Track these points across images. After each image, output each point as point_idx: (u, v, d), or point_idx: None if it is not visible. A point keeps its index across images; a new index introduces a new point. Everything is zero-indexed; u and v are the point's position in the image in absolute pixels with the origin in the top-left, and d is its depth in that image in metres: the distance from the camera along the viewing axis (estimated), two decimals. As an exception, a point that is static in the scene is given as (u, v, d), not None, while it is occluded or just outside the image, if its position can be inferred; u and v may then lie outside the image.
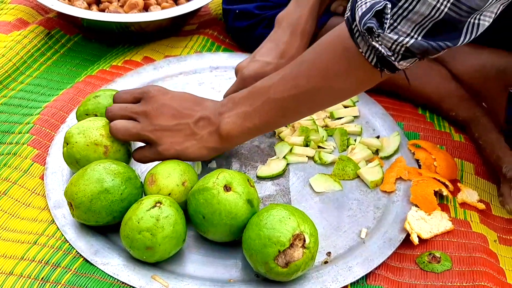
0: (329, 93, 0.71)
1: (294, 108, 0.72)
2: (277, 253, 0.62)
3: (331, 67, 0.67)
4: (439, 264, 0.72)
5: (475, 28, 0.59)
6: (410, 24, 0.59)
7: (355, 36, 0.63)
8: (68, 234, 0.71)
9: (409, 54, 0.61)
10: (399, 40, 0.60)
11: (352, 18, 0.63)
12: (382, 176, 0.84)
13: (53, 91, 0.97)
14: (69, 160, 0.75)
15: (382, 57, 0.62)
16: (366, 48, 0.63)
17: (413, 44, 0.59)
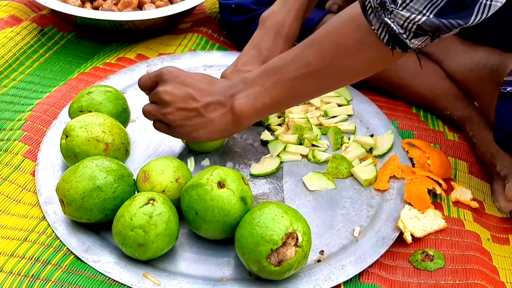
0: (340, 72, 0.70)
1: (305, 87, 0.72)
2: (269, 251, 0.62)
3: (342, 45, 0.67)
4: (432, 262, 0.72)
5: (487, 8, 0.59)
6: (422, 2, 0.59)
7: (367, 13, 0.63)
8: (59, 230, 0.70)
9: (421, 32, 0.61)
10: (411, 18, 0.60)
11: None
12: (375, 174, 0.84)
13: (46, 88, 0.97)
14: (67, 153, 0.74)
15: (394, 34, 0.62)
16: (378, 25, 0.63)
17: (425, 21, 0.60)
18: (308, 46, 0.70)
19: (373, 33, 0.64)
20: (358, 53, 0.67)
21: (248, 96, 0.73)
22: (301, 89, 0.72)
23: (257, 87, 0.72)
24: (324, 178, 0.83)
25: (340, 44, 0.67)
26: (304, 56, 0.70)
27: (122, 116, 0.83)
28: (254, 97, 0.72)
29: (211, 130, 0.75)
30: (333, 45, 0.68)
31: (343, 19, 0.68)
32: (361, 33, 0.65)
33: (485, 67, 0.91)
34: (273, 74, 0.72)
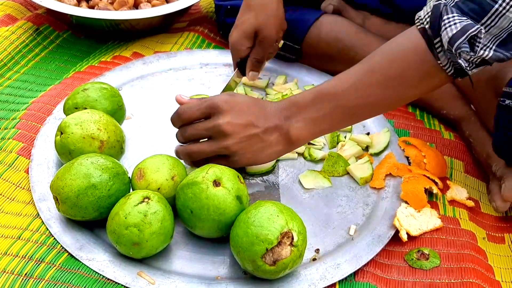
0: (400, 100, 0.74)
1: (364, 113, 0.75)
2: (264, 251, 0.62)
3: (407, 77, 0.69)
4: (428, 261, 0.72)
5: None
6: (489, 37, 0.63)
7: (436, 50, 0.66)
8: (53, 228, 0.70)
9: (483, 63, 0.65)
10: (479, 54, 0.63)
11: (434, 33, 0.65)
12: (371, 172, 0.84)
13: (41, 87, 0.96)
14: (61, 150, 0.74)
15: (460, 67, 0.66)
16: (446, 61, 0.66)
17: (492, 56, 0.63)
18: (368, 74, 0.71)
19: (439, 66, 0.67)
20: (422, 84, 0.69)
21: (304, 121, 0.73)
22: (359, 115, 0.75)
23: (312, 112, 0.73)
24: (320, 176, 0.83)
25: (405, 77, 0.69)
26: (365, 86, 0.71)
27: (118, 113, 0.83)
28: (312, 122, 0.73)
29: (269, 153, 0.74)
30: (397, 78, 0.69)
31: (405, 51, 0.69)
32: (428, 67, 0.67)
33: (484, 72, 0.91)
34: (330, 100, 0.72)
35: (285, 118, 0.74)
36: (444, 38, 0.64)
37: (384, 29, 1.06)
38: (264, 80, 1.01)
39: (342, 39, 1.01)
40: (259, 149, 0.74)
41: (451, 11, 0.64)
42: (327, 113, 0.72)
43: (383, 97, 0.71)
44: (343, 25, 1.03)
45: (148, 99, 0.94)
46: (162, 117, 0.90)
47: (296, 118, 0.73)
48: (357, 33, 1.01)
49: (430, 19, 0.66)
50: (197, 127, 0.74)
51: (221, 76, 1.01)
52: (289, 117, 0.74)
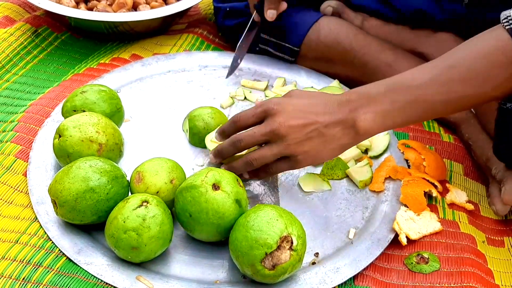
0: (479, 100, 0.70)
1: (441, 110, 0.71)
2: (264, 255, 0.61)
3: (491, 76, 0.66)
4: (427, 264, 0.72)
5: None
6: None
7: None
8: (51, 231, 0.69)
9: None
10: None
11: None
12: (371, 175, 0.83)
13: (39, 89, 0.96)
14: (59, 153, 0.74)
15: None
16: None
17: None
18: (449, 69, 0.68)
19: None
20: (503, 85, 0.67)
21: (375, 113, 0.69)
22: (436, 111, 0.71)
23: (385, 105, 0.69)
24: (319, 179, 0.82)
25: (488, 75, 0.66)
26: (445, 81, 0.68)
27: (116, 115, 0.82)
28: (383, 115, 0.69)
29: (334, 147, 0.71)
30: (480, 75, 0.67)
31: (491, 50, 0.66)
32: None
33: None
34: (405, 93, 0.69)
35: (350, 110, 0.70)
36: None
37: (383, 30, 1.06)
38: (263, 82, 1.01)
39: (341, 41, 1.01)
40: (321, 144, 0.70)
41: None
42: (401, 106, 0.69)
43: (463, 95, 0.68)
44: (342, 27, 1.03)
45: (147, 101, 0.94)
46: (161, 119, 0.90)
47: (364, 110, 0.69)
48: (356, 35, 1.01)
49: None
50: (253, 134, 0.71)
51: (220, 78, 1.01)
52: (356, 108, 0.69)
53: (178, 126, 0.89)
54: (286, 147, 0.70)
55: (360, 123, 0.69)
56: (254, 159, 0.72)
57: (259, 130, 0.71)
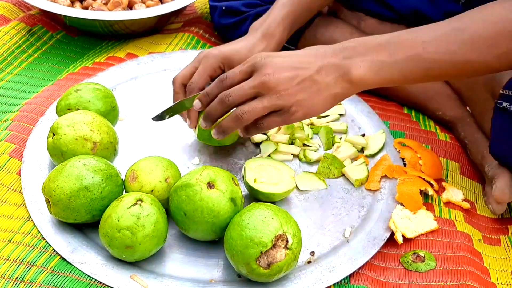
0: (481, 68, 0.67)
1: (440, 72, 0.68)
2: (259, 254, 0.61)
3: (497, 44, 0.64)
4: (423, 263, 0.72)
5: None
6: None
7: None
8: (45, 230, 0.69)
9: None
10: None
11: None
12: (367, 174, 0.83)
13: (34, 88, 0.96)
14: (53, 151, 0.73)
15: None
16: None
17: None
18: (455, 32, 0.65)
19: None
20: (507, 56, 0.65)
21: (371, 62, 0.66)
22: (434, 72, 0.67)
23: (383, 56, 0.66)
24: (315, 178, 0.82)
25: (495, 43, 0.64)
26: (450, 42, 0.65)
27: (111, 114, 0.82)
28: (380, 66, 0.66)
29: (326, 95, 0.67)
30: (487, 41, 0.64)
31: (502, 19, 0.64)
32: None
33: None
34: (406, 48, 0.66)
35: (345, 57, 0.67)
36: None
37: (380, 30, 1.06)
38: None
39: (336, 40, 0.99)
40: (314, 93, 0.67)
41: None
42: (399, 59, 0.66)
43: (465, 59, 0.65)
44: (338, 26, 1.02)
45: (142, 100, 0.93)
46: (156, 118, 0.90)
47: (361, 58, 0.66)
48: (352, 34, 1.01)
49: None
50: (241, 87, 0.67)
51: (215, 77, 1.01)
52: (351, 56, 0.67)
53: (173, 125, 0.89)
54: (277, 98, 0.67)
55: (354, 71, 0.66)
56: (244, 112, 0.68)
57: (247, 83, 0.68)
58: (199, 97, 0.73)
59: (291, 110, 0.68)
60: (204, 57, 0.81)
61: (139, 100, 0.93)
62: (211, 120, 0.71)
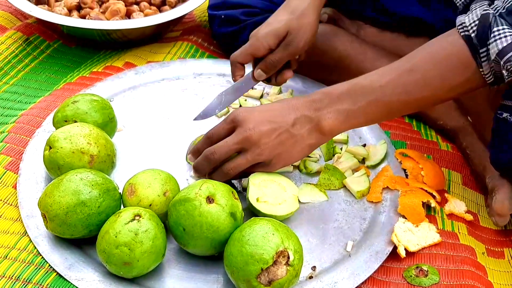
0: (436, 101, 0.74)
1: (399, 110, 0.74)
2: (259, 271, 0.60)
3: (447, 80, 0.69)
4: (427, 277, 0.70)
5: None
6: None
7: (480, 59, 0.67)
8: (41, 246, 0.68)
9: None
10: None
11: (481, 43, 0.66)
12: (368, 185, 0.82)
13: (31, 99, 0.94)
14: (50, 165, 0.72)
15: (500, 76, 0.66)
16: (488, 70, 0.67)
17: None
18: (408, 73, 0.71)
19: (480, 74, 0.68)
20: (459, 88, 0.70)
21: (338, 112, 0.72)
22: (396, 111, 0.74)
23: (347, 104, 0.72)
24: (316, 189, 0.81)
25: (445, 80, 0.69)
26: (404, 84, 0.71)
27: (109, 125, 0.81)
28: (346, 114, 0.72)
29: (303, 146, 0.74)
30: (437, 80, 0.69)
31: (448, 56, 0.69)
32: (469, 73, 0.68)
33: None
34: (366, 94, 0.71)
35: (315, 109, 0.73)
36: (493, 50, 0.64)
37: (379, 38, 1.05)
38: (258, 90, 0.99)
39: (336, 48, 1.00)
40: (291, 145, 0.73)
41: (501, 23, 0.64)
42: (362, 106, 0.72)
43: (421, 97, 0.71)
44: (337, 34, 1.01)
45: (140, 110, 0.92)
46: (155, 129, 0.89)
47: (328, 109, 0.72)
48: (351, 42, 1.00)
49: (477, 28, 0.66)
50: (226, 145, 0.72)
51: (214, 86, 1.00)
52: (320, 108, 0.72)
53: (172, 136, 0.88)
54: (259, 154, 0.72)
55: (323, 122, 0.72)
56: (230, 169, 0.73)
57: (231, 139, 0.72)
58: (191, 152, 0.78)
59: (272, 163, 0.74)
60: (251, 36, 0.85)
61: (138, 111, 0.92)
62: (200, 173, 0.76)
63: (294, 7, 0.85)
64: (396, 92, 0.71)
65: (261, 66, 0.86)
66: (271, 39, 0.84)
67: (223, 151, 0.72)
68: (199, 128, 0.87)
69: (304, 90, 1.01)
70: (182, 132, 0.88)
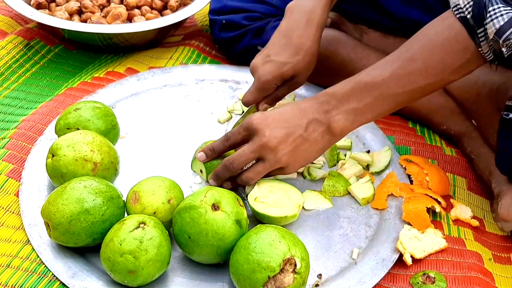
0: (440, 85, 0.74)
1: (405, 100, 0.74)
2: (266, 279, 0.59)
3: (448, 64, 0.70)
4: (434, 284, 0.70)
5: None
6: None
7: (478, 39, 0.67)
8: (44, 255, 0.67)
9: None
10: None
11: (477, 23, 0.66)
12: (373, 192, 0.81)
13: (32, 104, 0.94)
14: (53, 173, 0.71)
15: (500, 52, 0.66)
16: (487, 49, 0.67)
17: None
18: (409, 62, 0.71)
19: (480, 53, 0.68)
20: (461, 70, 0.71)
21: (346, 113, 0.73)
22: (403, 102, 0.74)
23: (354, 103, 0.73)
24: (320, 196, 0.80)
25: (446, 64, 0.70)
26: (407, 74, 0.71)
27: (111, 133, 0.80)
28: (353, 113, 0.73)
29: (316, 149, 0.75)
30: (439, 65, 0.70)
31: (446, 40, 0.69)
32: (469, 54, 0.69)
33: (485, 85, 0.90)
34: (371, 90, 0.72)
35: (324, 112, 0.73)
36: (490, 30, 0.64)
37: (382, 43, 1.05)
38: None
39: (339, 53, 0.99)
40: (306, 149, 0.74)
41: (495, 2, 0.64)
42: (368, 103, 0.72)
43: (425, 84, 0.71)
44: (340, 39, 1.01)
45: (143, 117, 0.91)
46: (158, 135, 0.88)
47: (336, 111, 0.73)
48: (354, 47, 1.00)
49: (473, 8, 0.66)
50: (244, 154, 0.73)
51: (217, 92, 0.99)
52: (328, 110, 0.73)
53: (176, 143, 0.87)
54: (277, 161, 0.73)
55: (334, 124, 0.73)
56: (251, 178, 0.74)
57: (248, 148, 0.73)
58: (204, 150, 0.78)
59: (289, 167, 0.74)
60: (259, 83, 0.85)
61: (140, 117, 0.91)
62: (219, 181, 0.76)
63: (298, 45, 0.84)
64: (400, 84, 0.71)
65: (267, 102, 0.88)
66: (278, 81, 0.85)
67: (241, 161, 0.73)
68: (203, 135, 0.87)
69: (307, 96, 1.01)
70: (185, 139, 0.87)
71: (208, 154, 0.77)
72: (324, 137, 0.74)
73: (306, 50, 0.84)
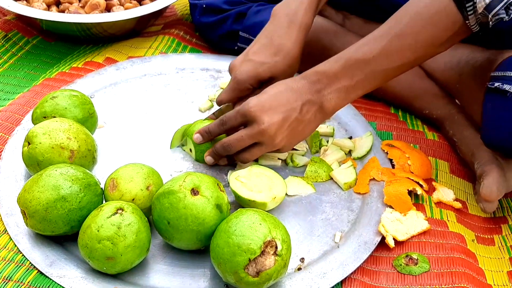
0: (429, 58, 0.75)
1: (396, 74, 0.75)
2: (247, 261, 0.58)
3: (437, 38, 0.71)
4: (417, 266, 0.70)
5: None
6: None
7: (466, 12, 0.67)
8: (21, 244, 0.65)
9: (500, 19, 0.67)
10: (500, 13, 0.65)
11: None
12: (355, 177, 0.81)
13: (9, 95, 0.92)
14: (29, 161, 0.70)
15: (485, 24, 0.68)
16: (474, 21, 0.68)
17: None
18: (399, 37, 0.71)
19: (467, 26, 0.69)
20: (448, 42, 0.72)
21: (338, 91, 0.74)
22: (392, 75, 0.75)
23: (345, 81, 0.73)
24: (303, 182, 0.80)
25: (435, 38, 0.70)
26: (397, 50, 0.72)
27: (89, 121, 0.79)
28: (345, 91, 0.74)
29: (310, 129, 0.77)
30: (429, 39, 0.71)
31: (436, 14, 0.69)
32: (457, 27, 0.69)
33: (467, 65, 0.90)
34: (361, 67, 0.73)
35: (316, 92, 0.74)
36: (480, 4, 0.65)
37: (364, 29, 1.04)
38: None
39: (321, 39, 0.99)
40: (301, 130, 0.76)
41: None
42: (359, 80, 0.73)
43: (414, 58, 0.72)
44: (322, 24, 1.00)
45: (122, 106, 0.90)
46: (136, 124, 0.87)
47: (328, 90, 0.74)
48: (336, 33, 0.99)
49: None
50: (242, 139, 0.75)
51: (198, 81, 0.98)
52: (320, 90, 0.74)
53: (155, 132, 0.86)
54: (274, 146, 0.75)
55: (326, 104, 0.75)
56: (246, 159, 0.77)
57: (246, 134, 0.74)
58: (200, 131, 0.78)
59: (283, 149, 0.77)
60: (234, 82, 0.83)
61: (119, 107, 0.90)
62: (216, 158, 0.79)
63: (278, 46, 0.82)
64: (390, 60, 0.72)
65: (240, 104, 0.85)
66: (254, 82, 0.83)
67: (239, 145, 0.75)
68: (183, 124, 0.85)
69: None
70: (166, 127, 0.86)
71: (205, 136, 0.78)
72: (316, 116, 0.75)
73: (287, 52, 0.82)
